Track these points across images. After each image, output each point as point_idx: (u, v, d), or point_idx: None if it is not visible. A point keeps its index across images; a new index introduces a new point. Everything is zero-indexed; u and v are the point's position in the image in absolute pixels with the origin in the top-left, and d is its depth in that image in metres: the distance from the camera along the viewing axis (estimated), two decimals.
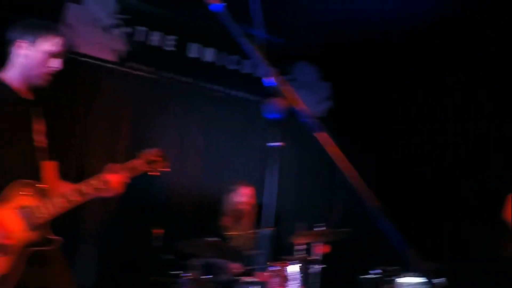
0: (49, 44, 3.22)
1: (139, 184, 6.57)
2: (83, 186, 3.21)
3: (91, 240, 6.44)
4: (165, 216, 6.67)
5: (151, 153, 3.59)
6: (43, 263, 3.13)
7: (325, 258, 4.93)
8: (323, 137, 1.92)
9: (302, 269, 5.55)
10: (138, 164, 3.50)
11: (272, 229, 1.96)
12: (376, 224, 1.92)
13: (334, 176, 7.83)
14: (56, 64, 3.26)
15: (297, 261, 5.67)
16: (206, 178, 7.36)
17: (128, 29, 6.82)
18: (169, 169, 3.66)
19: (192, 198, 7.22)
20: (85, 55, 6.52)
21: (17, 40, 3.22)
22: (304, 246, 5.91)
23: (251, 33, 2.02)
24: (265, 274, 1.66)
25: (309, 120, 1.94)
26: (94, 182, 3.23)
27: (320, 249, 4.65)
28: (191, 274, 5.56)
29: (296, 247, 5.90)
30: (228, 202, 6.34)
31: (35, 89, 3.35)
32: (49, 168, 3.40)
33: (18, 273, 2.96)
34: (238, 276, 5.71)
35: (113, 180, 3.25)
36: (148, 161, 3.55)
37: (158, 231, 5.80)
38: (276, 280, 5.30)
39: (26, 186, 3.10)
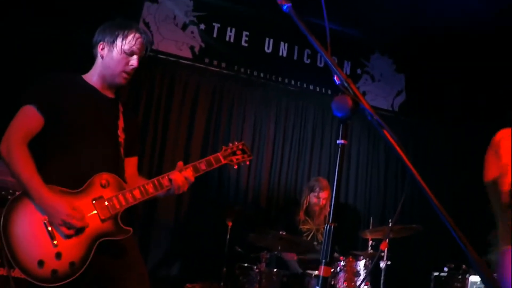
0: (126, 43, 3.27)
1: (215, 176, 6.78)
2: (155, 182, 3.27)
3: (165, 231, 6.58)
4: (239, 208, 6.71)
5: (235, 145, 3.61)
6: (115, 253, 3.19)
7: (393, 254, 4.86)
8: (390, 134, 1.89)
9: (366, 265, 5.52)
10: (221, 156, 3.51)
11: (334, 224, 1.95)
12: (442, 222, 1.88)
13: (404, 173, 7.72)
14: (134, 62, 3.29)
15: (364, 256, 5.65)
16: (281, 173, 7.37)
17: (204, 26, 6.91)
18: (249, 163, 3.67)
19: (267, 191, 7.24)
20: (163, 52, 6.68)
21: (99, 42, 3.29)
22: (372, 242, 5.88)
23: (326, 26, 1.99)
24: (331, 269, 1.64)
25: (375, 117, 1.91)
26: (162, 179, 3.29)
27: (383, 246, 4.60)
28: (261, 266, 5.60)
29: (369, 243, 5.88)
30: (306, 199, 6.34)
31: (116, 88, 3.41)
32: (129, 163, 3.48)
33: (91, 262, 3.01)
34: (306, 270, 5.73)
35: (177, 179, 3.26)
36: (231, 153, 3.57)
37: (231, 223, 5.84)
38: (344, 274, 5.29)
39: (106, 179, 3.18)
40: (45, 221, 2.96)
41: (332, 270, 5.45)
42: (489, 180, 3.86)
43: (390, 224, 4.60)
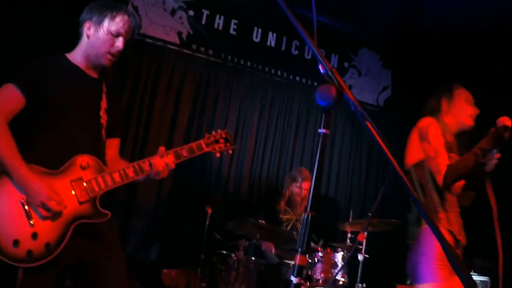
0: (113, 25, 3.24)
1: (198, 163, 6.77)
2: (136, 166, 3.24)
3: (144, 216, 6.57)
4: (220, 196, 6.72)
5: (218, 133, 3.59)
6: (93, 236, 3.18)
7: (372, 248, 4.89)
8: (372, 126, 1.89)
9: (344, 257, 5.54)
10: (204, 143, 3.50)
11: (312, 213, 1.95)
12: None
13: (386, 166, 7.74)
14: (119, 44, 3.26)
15: (342, 248, 5.67)
16: (263, 162, 7.38)
17: (192, 12, 6.88)
18: (231, 152, 3.66)
19: (248, 180, 7.24)
20: (150, 37, 6.65)
21: (85, 21, 3.27)
22: (351, 235, 5.90)
23: (314, 18, 1.99)
24: (308, 259, 1.65)
25: (359, 109, 1.92)
26: (143, 164, 3.26)
27: (360, 237, 4.62)
28: (239, 254, 5.61)
29: (348, 235, 5.90)
30: (288, 189, 6.35)
31: (100, 69, 3.38)
32: (111, 145, 3.46)
33: (67, 244, 2.99)
34: (284, 260, 5.74)
35: (158, 164, 3.25)
36: (213, 141, 3.55)
37: (211, 210, 5.83)
38: (322, 266, 5.30)
39: (86, 160, 3.16)
40: (23, 201, 2.94)
41: (310, 260, 5.48)
42: (414, 163, 4.01)
43: (369, 216, 4.62)
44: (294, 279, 1.98)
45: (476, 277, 6.02)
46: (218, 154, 3.58)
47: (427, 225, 3.49)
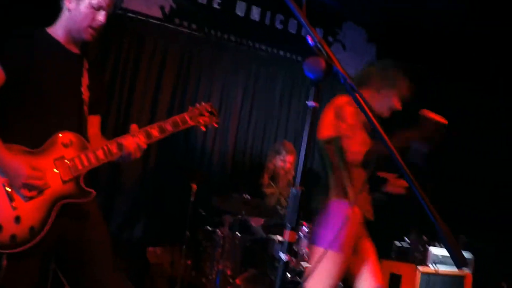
0: None
1: (180, 139, 6.75)
2: (113, 146, 3.19)
3: (128, 193, 6.56)
4: (204, 172, 6.73)
5: (203, 106, 3.57)
6: (77, 216, 3.15)
7: None
8: (362, 98, 1.88)
9: None
10: (187, 116, 3.46)
11: (302, 188, 1.92)
12: (411, 192, 1.88)
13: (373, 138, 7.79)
14: (101, 18, 3.20)
15: None
16: (247, 137, 7.42)
17: None
18: (217, 125, 3.63)
19: (233, 155, 7.28)
20: (132, 11, 6.54)
21: None
22: None
23: None
24: (295, 234, 1.62)
25: (349, 81, 1.91)
26: (112, 145, 3.18)
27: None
28: (224, 230, 5.62)
29: None
30: (271, 162, 6.34)
31: (82, 44, 3.33)
32: (92, 122, 3.40)
33: (51, 226, 2.97)
34: (269, 234, 5.75)
35: (127, 144, 3.19)
36: (198, 114, 3.52)
37: (196, 187, 5.82)
38: (307, 241, 5.30)
39: (69, 138, 3.12)
40: (4, 184, 2.89)
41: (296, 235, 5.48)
42: (325, 138, 4.10)
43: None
44: (283, 256, 1.96)
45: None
46: (203, 128, 3.54)
47: (335, 198, 3.96)
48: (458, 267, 2.24)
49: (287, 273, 4.73)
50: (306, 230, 5.45)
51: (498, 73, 8.14)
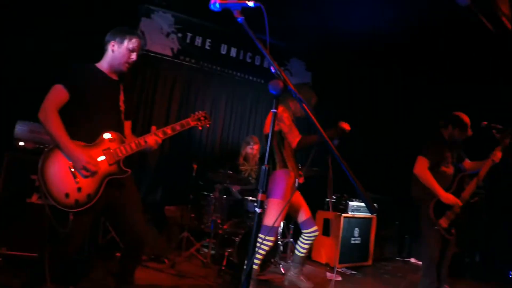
0: (130, 44, 3.21)
1: (186, 134, 6.71)
2: (141, 140, 3.21)
3: (151, 171, 6.52)
4: (201, 156, 6.71)
5: (200, 113, 3.55)
6: (120, 187, 3.16)
7: (304, 187, 4.92)
8: (307, 106, 1.91)
9: None
10: (190, 120, 3.46)
11: (269, 166, 1.96)
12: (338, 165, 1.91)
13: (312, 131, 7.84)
14: (134, 57, 3.24)
15: None
16: (229, 133, 7.37)
17: (180, 35, 6.74)
18: (208, 125, 3.62)
19: (219, 145, 7.23)
20: (152, 51, 6.51)
21: (110, 41, 3.21)
22: None
23: (263, 38, 1.97)
24: (264, 195, 1.66)
25: (297, 95, 1.93)
26: (141, 140, 3.22)
27: (301, 180, 4.73)
28: (215, 194, 5.60)
29: None
30: (244, 150, 6.32)
31: (119, 73, 3.30)
32: (126, 125, 3.39)
33: (101, 194, 3.00)
34: (244, 196, 5.75)
35: (149, 140, 3.22)
36: (197, 119, 3.51)
37: (196, 166, 5.79)
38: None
39: (112, 135, 3.13)
40: (70, 166, 2.92)
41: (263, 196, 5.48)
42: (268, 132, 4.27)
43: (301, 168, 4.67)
44: (258, 210, 1.97)
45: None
46: (200, 127, 3.55)
47: (280, 169, 4.35)
48: (371, 213, 2.30)
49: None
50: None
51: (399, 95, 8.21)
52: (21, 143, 4.27)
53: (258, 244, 4.01)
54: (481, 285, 5.88)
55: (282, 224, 5.66)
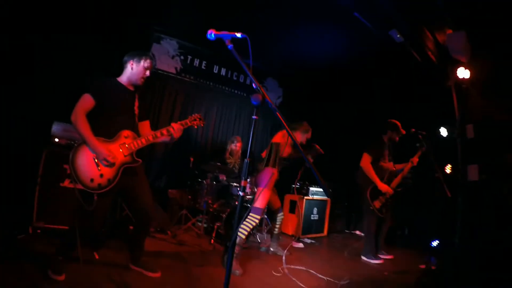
0: (146, 63, 3.21)
1: (185, 134, 6.64)
2: (158, 133, 3.18)
3: (158, 162, 6.42)
4: (197, 151, 6.65)
5: (196, 116, 3.54)
6: (133, 174, 3.13)
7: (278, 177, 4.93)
8: (280, 115, 1.91)
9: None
10: (188, 121, 3.45)
11: (249, 159, 1.96)
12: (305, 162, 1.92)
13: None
14: (148, 73, 3.24)
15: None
16: (218, 134, 7.29)
17: (183, 57, 6.66)
18: (203, 125, 3.59)
19: (211, 143, 7.15)
20: (160, 69, 6.41)
21: (130, 60, 3.20)
22: None
23: (247, 61, 1.97)
24: (246, 182, 1.67)
25: (273, 106, 1.93)
26: (163, 130, 3.20)
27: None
28: (207, 181, 5.56)
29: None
30: (229, 146, 6.29)
31: (135, 86, 3.28)
32: (145, 124, 3.37)
33: (119, 179, 2.97)
34: (230, 182, 5.73)
35: (174, 127, 3.22)
36: (193, 120, 3.49)
37: (192, 159, 5.75)
38: (250, 185, 5.29)
39: (127, 133, 3.10)
40: (94, 158, 2.91)
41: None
42: (274, 142, 4.53)
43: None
44: (241, 193, 1.97)
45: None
46: (196, 126, 3.53)
47: (269, 166, 4.34)
48: (328, 197, 2.35)
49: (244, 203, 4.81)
50: (249, 180, 5.44)
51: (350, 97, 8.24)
52: (56, 140, 4.23)
53: (249, 221, 4.03)
54: (409, 251, 6.00)
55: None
